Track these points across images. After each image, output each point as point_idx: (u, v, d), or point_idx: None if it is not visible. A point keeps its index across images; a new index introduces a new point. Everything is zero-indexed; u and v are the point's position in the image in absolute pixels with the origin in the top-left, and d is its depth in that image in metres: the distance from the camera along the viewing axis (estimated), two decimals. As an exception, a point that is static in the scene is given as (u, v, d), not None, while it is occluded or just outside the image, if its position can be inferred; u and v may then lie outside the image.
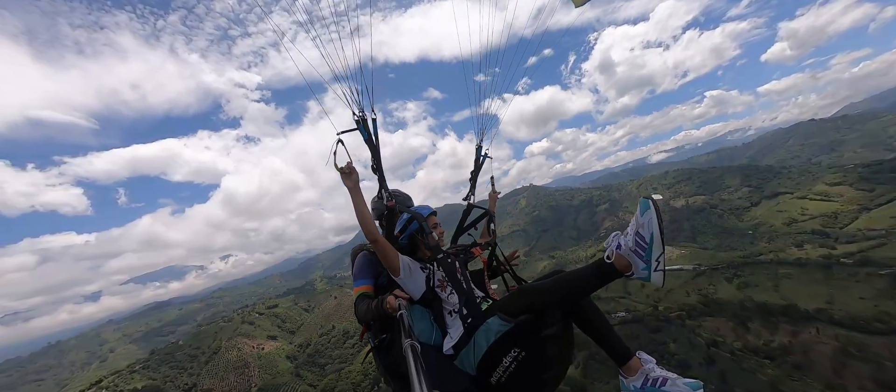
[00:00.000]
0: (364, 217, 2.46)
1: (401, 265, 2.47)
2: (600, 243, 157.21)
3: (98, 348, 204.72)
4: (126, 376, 76.50)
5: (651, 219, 1.81)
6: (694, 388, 1.85)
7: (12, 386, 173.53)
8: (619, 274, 1.92)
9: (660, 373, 1.96)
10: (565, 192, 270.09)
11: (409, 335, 1.89)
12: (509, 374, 2.03)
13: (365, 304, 2.61)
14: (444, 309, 2.40)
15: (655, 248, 1.81)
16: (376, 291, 2.72)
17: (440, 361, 2.22)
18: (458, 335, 2.24)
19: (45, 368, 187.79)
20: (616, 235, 1.96)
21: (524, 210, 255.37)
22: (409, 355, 1.59)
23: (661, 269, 1.83)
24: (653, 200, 1.82)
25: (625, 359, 2.04)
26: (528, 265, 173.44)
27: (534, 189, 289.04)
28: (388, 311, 2.39)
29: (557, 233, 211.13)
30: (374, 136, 2.82)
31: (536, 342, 2.00)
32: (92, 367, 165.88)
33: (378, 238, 2.46)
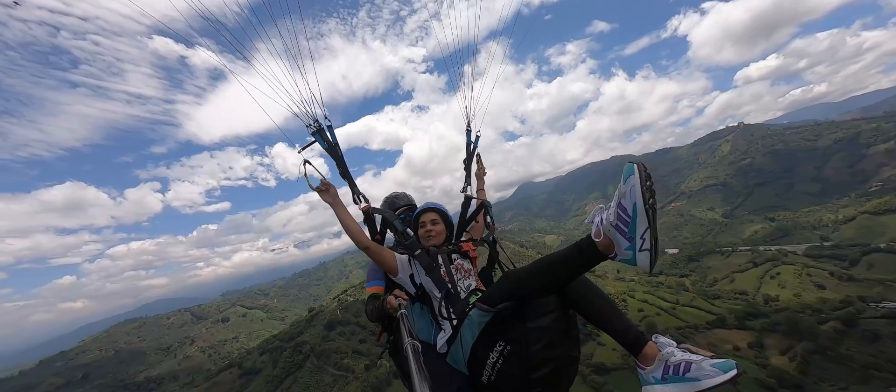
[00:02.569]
0: (350, 228, 2.46)
1: (398, 265, 2.46)
2: (870, 200, 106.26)
3: (344, 269, 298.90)
4: (359, 289, 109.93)
5: (634, 186, 1.52)
6: (725, 368, 1.54)
7: (306, 286, 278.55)
8: (601, 255, 1.67)
9: (681, 356, 1.65)
10: (804, 128, 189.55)
11: (409, 334, 1.89)
12: (498, 371, 1.86)
13: (371, 304, 2.68)
14: (434, 306, 2.31)
15: (639, 223, 1.53)
16: (388, 290, 2.75)
17: (435, 360, 2.18)
18: (448, 332, 2.14)
19: (319, 279, 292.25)
20: (599, 209, 1.71)
21: (727, 157, 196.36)
22: (409, 355, 1.59)
23: (648, 248, 1.54)
24: (638, 166, 1.54)
25: (639, 346, 1.75)
26: (729, 229, 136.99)
27: (745, 130, 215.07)
28: (389, 310, 2.42)
29: (783, 187, 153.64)
30: (333, 142, 2.76)
31: (521, 335, 1.80)
32: (341, 282, 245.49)
33: (368, 244, 2.43)
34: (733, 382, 1.55)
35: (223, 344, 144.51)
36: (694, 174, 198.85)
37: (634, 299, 70.59)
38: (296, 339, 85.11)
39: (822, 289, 69.52)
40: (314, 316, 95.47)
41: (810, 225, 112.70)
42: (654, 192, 1.53)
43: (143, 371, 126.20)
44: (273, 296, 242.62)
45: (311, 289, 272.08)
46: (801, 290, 71.05)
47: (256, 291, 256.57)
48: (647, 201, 1.51)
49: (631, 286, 77.58)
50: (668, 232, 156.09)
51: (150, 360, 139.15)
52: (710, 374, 1.56)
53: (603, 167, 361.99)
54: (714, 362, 1.58)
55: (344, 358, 70.83)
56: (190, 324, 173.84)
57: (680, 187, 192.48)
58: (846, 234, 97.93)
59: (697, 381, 1.58)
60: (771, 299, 69.82)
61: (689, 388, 1.60)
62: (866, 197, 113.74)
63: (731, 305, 65.51)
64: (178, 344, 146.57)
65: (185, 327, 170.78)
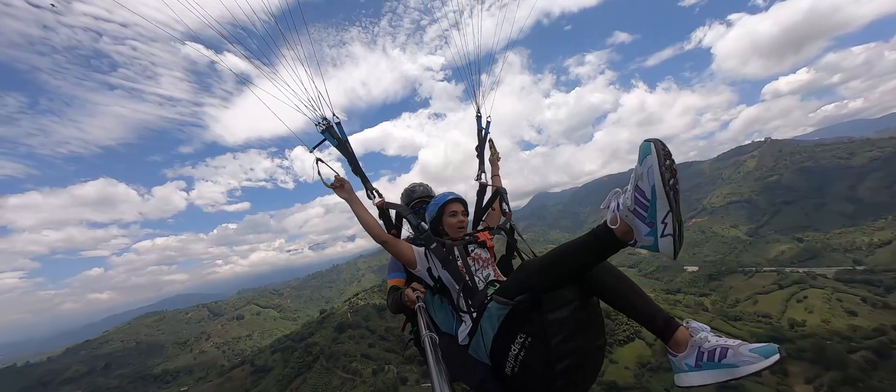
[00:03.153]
0: (367, 223, 2.47)
1: (416, 258, 2.44)
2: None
3: (356, 272, 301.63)
4: (370, 293, 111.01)
5: (651, 167, 1.40)
6: (766, 353, 1.42)
7: (319, 288, 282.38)
8: (620, 243, 1.55)
9: (716, 342, 1.55)
10: (837, 146, 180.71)
11: (427, 327, 1.84)
12: (520, 363, 1.78)
13: (392, 296, 2.72)
14: (453, 298, 2.27)
15: (660, 206, 1.42)
16: (409, 282, 2.82)
17: (458, 352, 2.15)
18: (469, 324, 2.09)
19: (331, 281, 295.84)
20: (615, 193, 1.60)
21: (752, 173, 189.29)
22: (427, 348, 1.56)
23: (671, 233, 1.43)
24: (655, 143, 1.40)
25: (669, 332, 1.65)
26: (753, 248, 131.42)
27: (773, 145, 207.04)
28: (407, 304, 2.47)
29: (813, 206, 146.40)
30: (343, 139, 2.76)
31: (541, 326, 1.72)
32: (353, 285, 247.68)
33: (386, 238, 2.44)
34: (775, 368, 1.41)
35: (237, 341, 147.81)
36: (717, 190, 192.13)
37: (650, 317, 68.47)
38: (306, 340, 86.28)
39: (854, 315, 65.64)
40: (325, 318, 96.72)
41: (842, 247, 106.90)
42: (675, 172, 1.40)
43: (160, 363, 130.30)
44: (287, 296, 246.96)
45: (324, 290, 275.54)
46: (830, 315, 67.28)
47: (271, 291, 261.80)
48: (668, 182, 1.38)
49: (646, 303, 75.31)
50: (688, 249, 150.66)
51: (167, 353, 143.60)
52: (749, 359, 1.42)
53: (621, 180, 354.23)
54: (754, 347, 1.45)
55: (353, 361, 71.30)
56: (207, 319, 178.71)
57: (701, 203, 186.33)
58: (881, 258, 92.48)
59: (735, 368, 1.46)
60: (797, 324, 66.42)
61: (726, 375, 1.49)
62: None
63: (753, 328, 62.68)
64: (194, 339, 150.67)
65: (202, 323, 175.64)
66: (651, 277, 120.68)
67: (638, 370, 54.06)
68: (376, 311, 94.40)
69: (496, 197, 3.03)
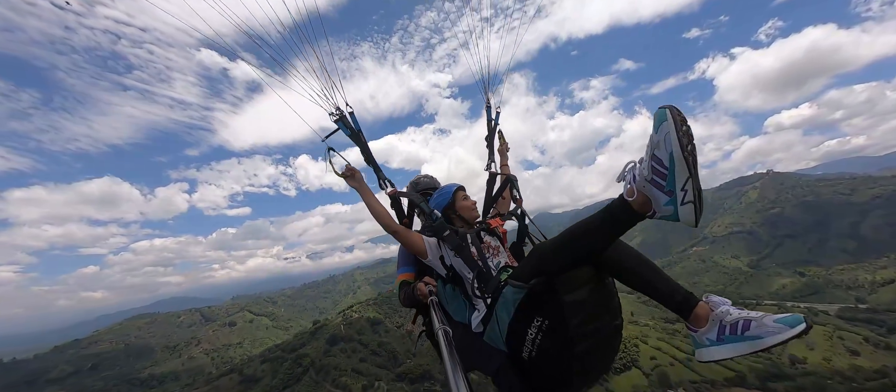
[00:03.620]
0: (378, 212, 2.47)
1: (427, 248, 2.43)
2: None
3: (352, 284, 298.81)
4: (365, 306, 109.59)
5: (668, 133, 1.36)
6: (792, 323, 1.37)
7: (314, 298, 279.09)
8: (638, 215, 1.51)
9: (737, 314, 1.52)
10: (839, 181, 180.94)
11: (440, 320, 1.84)
12: (538, 347, 1.75)
13: (403, 291, 2.71)
14: (466, 286, 2.26)
15: (679, 173, 1.37)
16: (419, 275, 2.80)
17: (472, 340, 2.14)
18: (483, 311, 2.07)
19: (327, 292, 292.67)
20: (631, 165, 1.55)
21: (754, 205, 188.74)
22: (441, 341, 1.55)
23: (692, 200, 1.38)
24: (671, 109, 1.38)
25: (689, 307, 1.62)
26: (754, 280, 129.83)
27: (775, 177, 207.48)
28: (420, 298, 2.47)
29: (816, 241, 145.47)
30: (356, 129, 2.76)
31: (557, 309, 1.68)
32: (348, 296, 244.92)
33: (396, 228, 2.45)
34: (802, 337, 1.36)
35: (227, 348, 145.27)
36: (719, 219, 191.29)
37: (647, 346, 67.38)
38: (297, 351, 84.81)
39: (856, 355, 64.26)
40: (318, 329, 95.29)
41: (845, 284, 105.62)
42: (691, 137, 1.36)
43: (148, 367, 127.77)
44: (281, 304, 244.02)
45: (319, 301, 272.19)
46: (831, 353, 65.87)
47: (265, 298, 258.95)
48: (686, 147, 1.34)
49: (644, 331, 74.14)
50: (688, 278, 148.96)
51: (156, 356, 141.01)
52: (773, 330, 1.38)
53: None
54: (779, 317, 1.40)
55: (343, 375, 69.90)
56: (198, 324, 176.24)
57: (703, 231, 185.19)
58: (884, 297, 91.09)
59: (759, 340, 1.42)
60: (798, 361, 64.95)
61: (749, 347, 1.45)
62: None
63: (752, 363, 61.30)
64: (184, 343, 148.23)
65: (194, 327, 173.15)
66: (650, 305, 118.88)
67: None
68: (370, 324, 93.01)
69: (507, 184, 3.02)
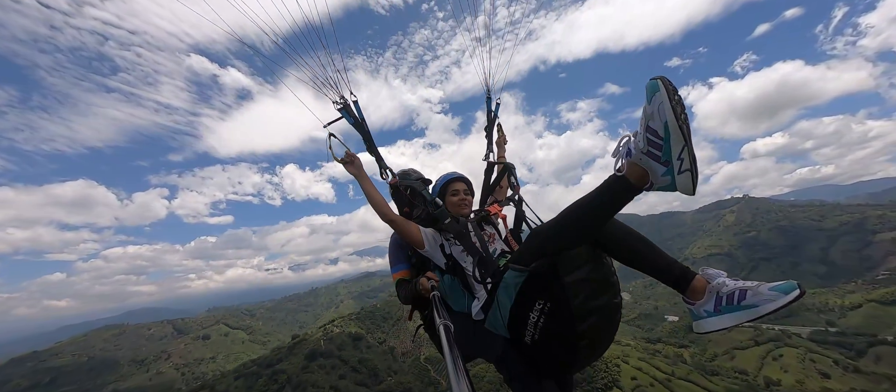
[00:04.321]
0: (375, 200, 2.47)
1: (424, 238, 2.43)
2: (876, 288, 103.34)
3: (335, 297, 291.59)
4: (347, 321, 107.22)
5: (662, 103, 1.36)
6: (786, 289, 1.43)
7: (295, 311, 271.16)
8: (635, 188, 1.51)
9: (733, 285, 1.56)
10: (810, 207, 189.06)
11: (441, 315, 1.85)
12: (541, 329, 1.76)
13: (403, 289, 2.71)
14: (466, 274, 2.28)
15: (674, 142, 1.37)
16: (414, 271, 2.81)
17: (473, 328, 2.14)
18: (483, 298, 2.08)
19: (308, 305, 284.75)
20: (625, 138, 1.56)
21: (731, 228, 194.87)
22: (442, 336, 1.59)
23: (688, 168, 1.38)
24: (662, 79, 1.37)
25: (686, 281, 1.66)
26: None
27: (750, 202, 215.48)
28: (422, 292, 2.48)
29: (789, 264, 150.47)
30: (360, 118, 2.78)
31: (559, 290, 1.69)
32: (330, 310, 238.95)
33: (393, 218, 2.44)
34: (796, 302, 1.40)
35: (199, 363, 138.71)
36: (698, 241, 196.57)
37: (628, 365, 67.61)
38: (274, 367, 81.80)
39: (827, 377, 66.02)
40: (297, 343, 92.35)
41: (816, 307, 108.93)
42: (684, 106, 1.37)
43: (112, 382, 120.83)
44: (259, 317, 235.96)
45: (299, 314, 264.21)
46: (804, 376, 67.53)
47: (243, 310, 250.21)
48: (680, 116, 1.34)
49: (625, 351, 74.53)
50: (669, 297, 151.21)
51: (122, 371, 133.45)
52: (769, 297, 1.44)
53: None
54: (773, 285, 1.46)
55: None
56: (170, 337, 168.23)
57: (684, 252, 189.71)
58: (852, 321, 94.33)
59: (756, 308, 1.47)
60: (772, 383, 66.38)
61: (746, 316, 1.50)
62: (874, 285, 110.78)
63: (729, 385, 62.33)
64: (153, 357, 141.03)
65: (165, 340, 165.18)
66: (632, 324, 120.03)
67: None
68: (351, 340, 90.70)
69: (505, 173, 3.04)
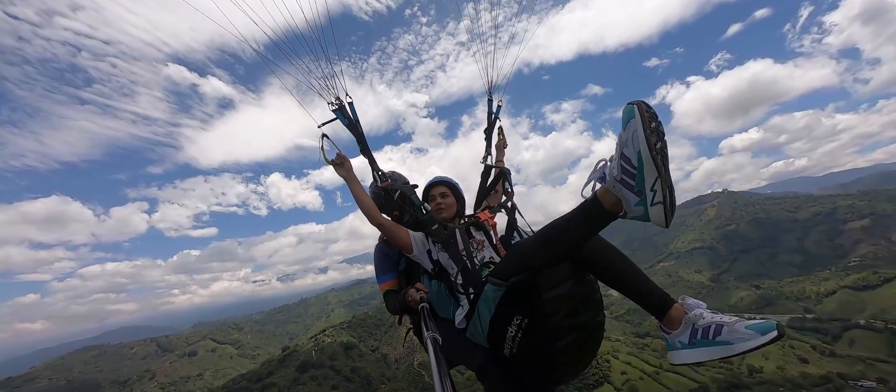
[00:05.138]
0: (363, 203, 2.45)
1: (412, 242, 2.40)
2: (849, 274, 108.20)
3: (326, 307, 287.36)
4: (338, 330, 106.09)
5: (636, 132, 1.30)
6: (763, 329, 1.39)
7: (284, 323, 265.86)
8: (610, 214, 1.48)
9: (711, 318, 1.51)
10: (785, 200, 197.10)
11: (429, 327, 1.85)
12: (519, 344, 1.75)
13: (392, 299, 2.69)
14: (451, 282, 2.26)
15: (647, 172, 1.32)
16: (401, 278, 2.80)
17: (456, 337, 2.15)
18: (466, 307, 2.07)
19: (298, 315, 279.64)
20: (602, 163, 1.53)
21: (712, 222, 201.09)
22: (429, 348, 1.56)
23: (661, 201, 1.34)
24: (639, 104, 1.31)
25: (664, 309, 1.62)
26: (716, 295, 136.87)
27: (729, 196, 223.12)
28: (410, 304, 2.46)
29: (767, 255, 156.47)
30: (354, 119, 2.76)
31: (537, 307, 1.68)
32: (321, 320, 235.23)
33: (382, 221, 2.43)
34: (774, 344, 1.32)
35: (185, 381, 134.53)
36: (682, 235, 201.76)
37: (618, 360, 69.00)
38: (264, 381, 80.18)
39: (806, 362, 68.78)
40: (287, 356, 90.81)
41: (794, 295, 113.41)
42: (661, 134, 1.32)
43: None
44: (247, 330, 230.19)
45: (289, 326, 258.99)
46: (784, 362, 70.15)
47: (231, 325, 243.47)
48: (654, 146, 1.30)
49: (615, 346, 76.03)
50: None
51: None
52: (744, 336, 1.39)
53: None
54: (750, 324, 1.40)
55: (312, 405, 66.64)
56: (154, 355, 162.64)
57: (668, 247, 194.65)
58: (828, 307, 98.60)
59: (730, 346, 1.42)
60: (755, 370, 68.69)
61: (720, 352, 1.45)
62: (846, 271, 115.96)
63: (714, 375, 64.12)
64: (136, 377, 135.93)
65: (149, 359, 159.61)
66: (621, 320, 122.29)
67: None
68: (343, 349, 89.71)
69: (500, 178, 3.00)
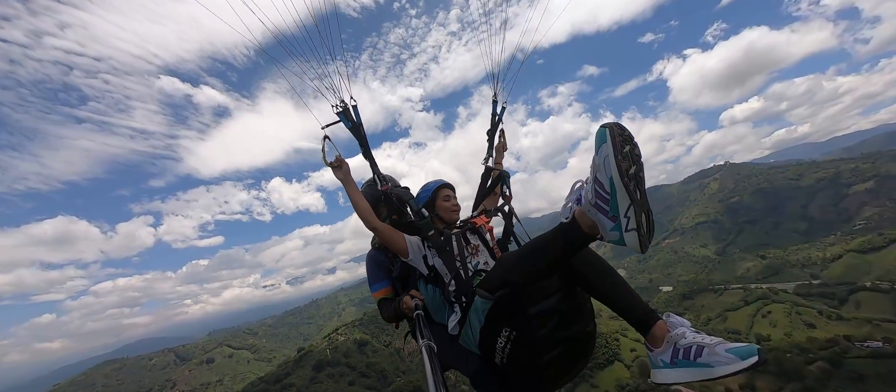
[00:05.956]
0: (360, 206, 2.44)
1: (408, 247, 2.40)
2: (854, 238, 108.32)
3: (336, 306, 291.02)
4: (350, 328, 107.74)
5: (607, 156, 1.26)
6: (743, 354, 1.31)
7: (297, 325, 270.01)
8: (587, 237, 1.46)
9: (693, 339, 1.45)
10: (788, 168, 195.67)
11: (424, 335, 1.85)
12: (508, 355, 1.77)
13: (386, 308, 2.66)
14: (445, 287, 2.25)
15: (620, 199, 1.28)
16: (394, 284, 2.78)
17: (450, 342, 2.17)
18: (459, 315, 2.08)
19: (310, 317, 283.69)
20: (579, 185, 1.50)
21: (716, 195, 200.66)
22: (424, 356, 1.54)
23: (634, 228, 1.30)
24: (610, 128, 1.26)
25: (647, 326, 1.57)
26: (722, 266, 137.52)
27: (732, 168, 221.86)
28: (405, 312, 2.44)
29: (771, 225, 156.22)
30: (357, 122, 2.75)
31: (524, 320, 1.69)
32: (333, 319, 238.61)
33: (378, 225, 2.42)
34: (755, 370, 1.30)
35: (206, 388, 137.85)
36: (685, 211, 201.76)
37: (627, 338, 70.06)
38: (282, 382, 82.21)
39: (813, 328, 69.58)
40: (303, 356, 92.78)
41: (800, 263, 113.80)
42: (636, 158, 1.30)
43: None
44: (261, 335, 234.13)
45: (302, 327, 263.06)
46: (791, 328, 71.03)
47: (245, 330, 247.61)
48: (626, 172, 1.27)
49: (623, 325, 77.05)
50: (662, 269, 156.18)
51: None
52: (724, 360, 1.35)
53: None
54: (731, 347, 1.36)
55: (331, 401, 68.41)
56: (173, 365, 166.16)
57: (672, 224, 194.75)
58: (834, 272, 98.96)
59: (710, 368, 1.39)
60: (763, 339, 69.57)
61: (700, 374, 1.43)
62: (851, 235, 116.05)
63: (722, 345, 65.13)
64: (158, 388, 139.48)
65: (168, 369, 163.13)
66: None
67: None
68: (357, 346, 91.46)
69: (499, 181, 2.98)
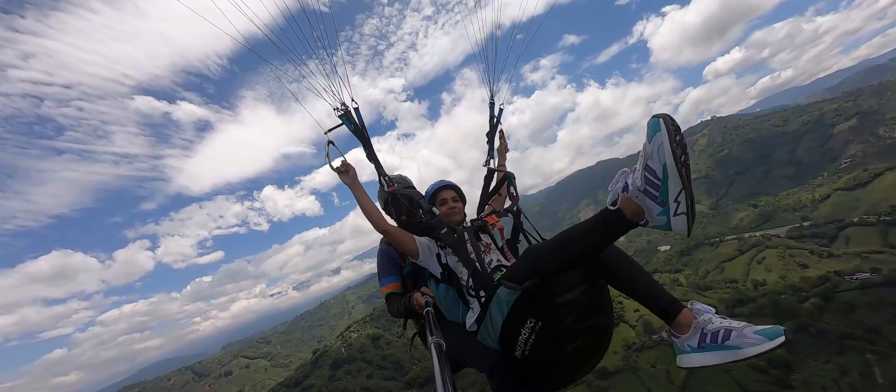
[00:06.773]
0: (368, 210, 2.45)
1: (419, 248, 2.42)
2: (840, 177, 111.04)
3: (346, 305, 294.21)
4: (362, 324, 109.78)
5: (662, 144, 1.31)
6: (771, 335, 1.35)
7: (309, 328, 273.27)
8: (630, 223, 1.50)
9: (720, 323, 1.50)
10: (773, 115, 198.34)
11: (434, 333, 1.85)
12: (531, 346, 1.77)
13: (395, 303, 2.69)
14: (461, 285, 2.27)
15: (672, 184, 1.34)
16: (404, 281, 2.79)
17: (466, 339, 2.16)
18: (477, 310, 2.08)
19: (321, 319, 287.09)
20: (623, 173, 1.53)
21: (705, 151, 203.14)
22: (433, 354, 1.55)
23: (685, 211, 1.35)
24: (664, 118, 1.30)
25: (672, 313, 1.61)
26: (717, 220, 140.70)
27: (719, 122, 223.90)
28: (416, 309, 2.46)
29: (762, 173, 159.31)
30: (360, 124, 2.75)
31: (551, 310, 1.70)
32: (344, 319, 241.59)
33: (387, 227, 2.43)
34: (783, 348, 1.34)
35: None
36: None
37: (630, 300, 72.33)
38: (302, 384, 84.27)
39: (806, 268, 72.10)
40: (319, 357, 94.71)
41: (791, 207, 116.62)
42: (685, 147, 1.35)
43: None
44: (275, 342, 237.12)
45: (315, 330, 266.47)
46: (785, 271, 73.55)
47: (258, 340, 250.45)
48: (679, 159, 1.32)
49: (626, 288, 79.43)
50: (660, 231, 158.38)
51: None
52: (753, 341, 1.39)
53: (591, 173, 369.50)
54: (759, 329, 1.41)
55: (352, 396, 70.48)
56: (192, 382, 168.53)
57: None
58: (823, 212, 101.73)
59: (739, 350, 1.43)
60: (759, 284, 72.13)
61: (729, 356, 1.46)
62: (838, 174, 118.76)
63: (721, 295, 67.63)
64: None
65: (188, 386, 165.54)
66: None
67: (625, 353, 57.17)
68: (371, 341, 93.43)
69: (504, 182, 3.02)
